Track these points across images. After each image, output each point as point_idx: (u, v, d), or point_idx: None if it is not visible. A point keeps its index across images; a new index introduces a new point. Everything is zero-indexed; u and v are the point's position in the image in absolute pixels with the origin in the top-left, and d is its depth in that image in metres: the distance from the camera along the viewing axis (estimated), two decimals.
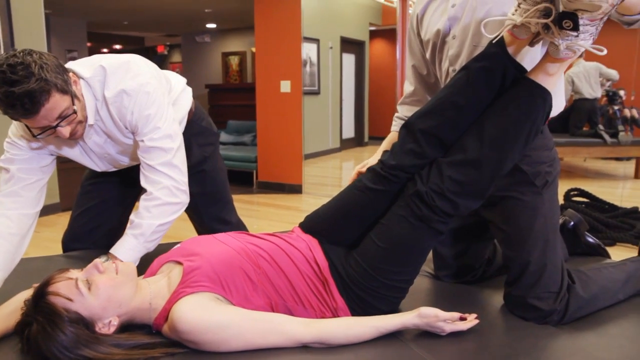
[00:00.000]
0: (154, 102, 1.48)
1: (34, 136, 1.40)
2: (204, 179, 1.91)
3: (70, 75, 1.40)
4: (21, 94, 1.23)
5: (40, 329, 1.08)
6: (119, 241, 1.50)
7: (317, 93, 6.58)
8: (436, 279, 1.72)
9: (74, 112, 1.38)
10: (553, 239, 1.41)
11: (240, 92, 7.83)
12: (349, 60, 7.70)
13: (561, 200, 3.80)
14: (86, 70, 1.46)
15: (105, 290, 1.15)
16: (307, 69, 6.17)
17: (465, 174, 1.28)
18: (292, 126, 5.14)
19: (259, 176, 5.47)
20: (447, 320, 1.25)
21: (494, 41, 1.29)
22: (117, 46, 11.62)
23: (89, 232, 1.87)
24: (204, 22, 8.74)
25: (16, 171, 1.52)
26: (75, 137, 1.47)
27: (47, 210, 4.10)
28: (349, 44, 7.52)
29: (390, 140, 1.71)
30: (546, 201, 1.40)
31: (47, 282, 1.14)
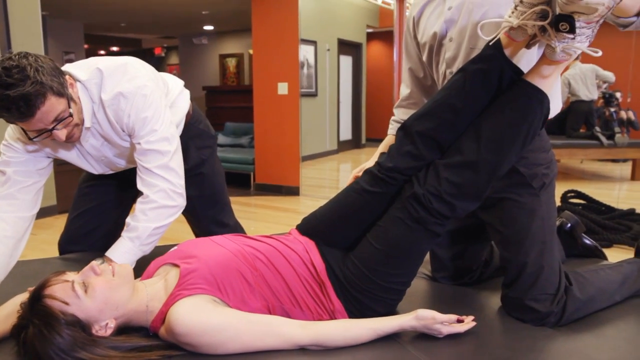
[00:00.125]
0: (151, 105, 1.48)
1: (30, 139, 1.40)
2: (202, 181, 1.90)
3: (67, 77, 1.39)
4: (16, 97, 1.23)
5: (37, 331, 1.07)
6: (114, 244, 1.50)
7: (314, 95, 6.58)
8: (433, 280, 1.72)
9: (70, 115, 1.37)
10: (550, 240, 1.41)
11: (237, 94, 7.83)
12: (346, 62, 7.69)
13: (558, 202, 3.80)
14: (83, 72, 1.46)
15: (101, 293, 1.14)
16: (305, 71, 6.17)
17: (462, 176, 1.28)
18: (290, 128, 5.14)
19: (256, 178, 5.47)
20: (445, 323, 1.25)
21: (490, 43, 1.30)
22: (115, 48, 11.60)
23: (85, 234, 1.87)
24: (201, 24, 8.74)
25: (12, 174, 1.51)
26: (72, 140, 1.47)
27: (44, 212, 4.09)
28: (346, 46, 7.52)
29: (387, 144, 1.71)
30: (543, 203, 1.40)
31: (44, 284, 1.13)
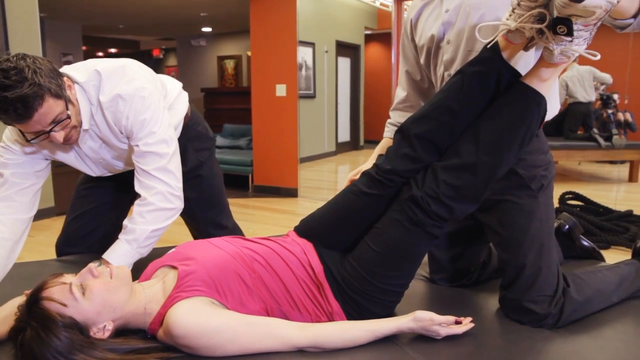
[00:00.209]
0: (150, 107, 1.48)
1: (28, 141, 1.40)
2: (200, 184, 1.90)
3: (65, 79, 1.39)
4: (14, 99, 1.23)
5: (34, 334, 1.07)
6: (111, 246, 1.49)
7: (312, 97, 6.58)
8: (431, 282, 1.72)
9: (67, 117, 1.37)
10: (548, 242, 1.41)
11: (235, 96, 7.82)
12: (344, 64, 7.70)
13: (556, 204, 3.80)
14: (81, 74, 1.45)
15: (99, 295, 1.14)
16: (303, 72, 6.17)
17: (460, 178, 1.28)
18: (288, 130, 5.14)
19: (254, 180, 5.46)
20: (443, 324, 1.25)
21: (488, 46, 1.30)
22: (113, 50, 11.58)
23: (83, 236, 1.86)
24: (199, 25, 8.74)
25: (10, 176, 1.51)
26: (69, 142, 1.47)
27: (42, 214, 4.09)
28: (344, 48, 7.53)
29: (382, 147, 1.71)
30: (542, 205, 1.40)
31: (41, 287, 1.13)
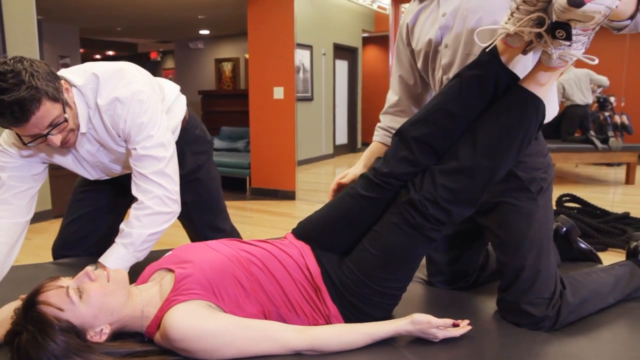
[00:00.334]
0: (147, 110, 1.48)
1: (25, 144, 1.39)
2: (198, 187, 1.90)
3: (62, 82, 1.39)
4: (11, 102, 1.23)
5: (31, 338, 1.06)
6: (108, 250, 1.49)
7: (310, 99, 6.58)
8: (429, 285, 1.72)
9: (65, 120, 1.37)
10: (547, 245, 1.41)
11: (233, 99, 7.81)
12: (342, 66, 7.70)
13: (553, 206, 3.80)
14: (78, 78, 1.45)
15: (96, 298, 1.14)
16: (300, 75, 6.17)
17: (458, 181, 1.28)
18: (286, 132, 5.14)
19: (252, 182, 5.46)
20: (440, 327, 1.25)
21: (487, 49, 1.30)
22: (110, 52, 11.58)
23: (79, 239, 1.86)
24: (197, 28, 8.75)
25: (7, 179, 1.51)
26: (67, 146, 1.46)
27: (39, 217, 4.07)
28: (342, 51, 7.53)
29: (371, 151, 1.70)
30: (541, 207, 1.41)
31: (38, 290, 1.13)
